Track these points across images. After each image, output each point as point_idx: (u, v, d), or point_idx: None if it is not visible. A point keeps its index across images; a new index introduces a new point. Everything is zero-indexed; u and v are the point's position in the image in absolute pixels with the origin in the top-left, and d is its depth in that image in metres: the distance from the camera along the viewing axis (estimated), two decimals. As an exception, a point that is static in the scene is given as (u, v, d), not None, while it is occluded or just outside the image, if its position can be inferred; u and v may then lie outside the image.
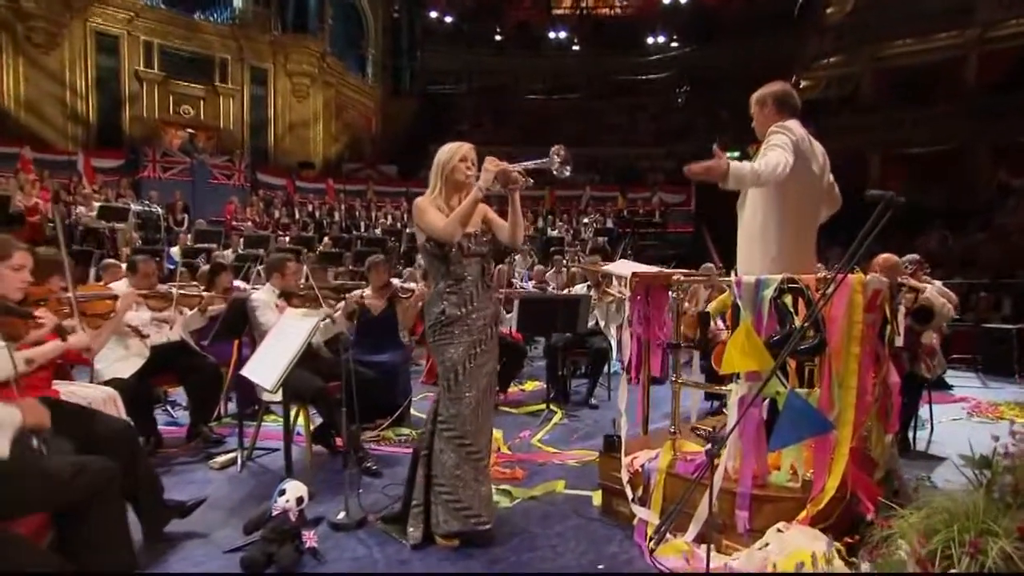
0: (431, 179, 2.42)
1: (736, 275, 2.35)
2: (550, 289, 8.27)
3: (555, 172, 2.26)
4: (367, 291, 4.50)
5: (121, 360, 3.49)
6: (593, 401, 4.94)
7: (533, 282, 8.71)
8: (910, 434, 3.78)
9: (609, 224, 14.65)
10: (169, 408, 4.43)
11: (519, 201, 2.35)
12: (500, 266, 7.14)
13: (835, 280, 1.96)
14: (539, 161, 2.28)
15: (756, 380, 2.13)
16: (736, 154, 2.78)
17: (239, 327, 3.53)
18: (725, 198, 2.67)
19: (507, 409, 4.83)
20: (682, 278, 2.46)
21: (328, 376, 3.57)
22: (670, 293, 2.50)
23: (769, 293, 2.14)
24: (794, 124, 2.40)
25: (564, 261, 11.13)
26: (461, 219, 2.25)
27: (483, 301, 2.38)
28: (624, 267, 3.06)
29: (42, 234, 9.23)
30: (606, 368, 5.12)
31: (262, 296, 3.51)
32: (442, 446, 2.35)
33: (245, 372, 2.38)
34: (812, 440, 2.11)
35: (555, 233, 13.74)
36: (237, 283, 5.52)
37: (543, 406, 4.64)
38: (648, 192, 17.19)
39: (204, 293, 4.22)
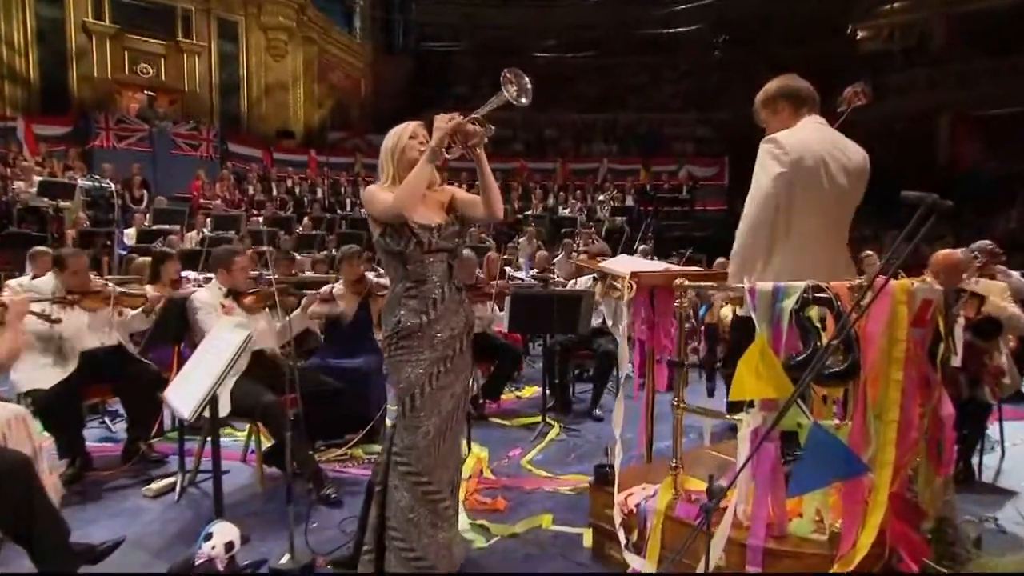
0: (381, 167, 2.33)
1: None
2: (556, 278, 8.13)
3: (513, 102, 2.13)
4: (338, 286, 4.40)
5: (42, 368, 3.41)
6: (598, 412, 4.83)
7: (536, 270, 8.56)
8: (974, 460, 3.59)
9: (629, 202, 14.49)
10: (108, 421, 4.36)
11: (486, 160, 2.24)
12: (491, 254, 7.00)
13: (872, 288, 1.80)
14: (493, 100, 2.16)
15: (773, 409, 1.99)
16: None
17: (177, 332, 3.44)
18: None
19: (498, 421, 4.75)
20: (687, 283, 2.30)
21: (284, 388, 3.49)
22: (676, 300, 2.35)
23: (789, 304, 1.99)
24: (799, 131, 2.33)
25: (576, 245, 11.01)
26: (413, 187, 2.14)
27: (450, 307, 2.28)
28: (623, 264, 2.92)
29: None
30: (614, 372, 5.00)
31: (204, 296, 3.41)
32: (396, 482, 2.27)
33: (167, 393, 2.28)
34: (842, 483, 1.97)
35: (567, 212, 13.60)
36: (187, 274, 5.44)
37: (539, 419, 4.54)
38: (674, 164, 16.97)
39: (149, 291, 4.13)
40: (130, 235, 9.22)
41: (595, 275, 5.48)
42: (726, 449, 2.83)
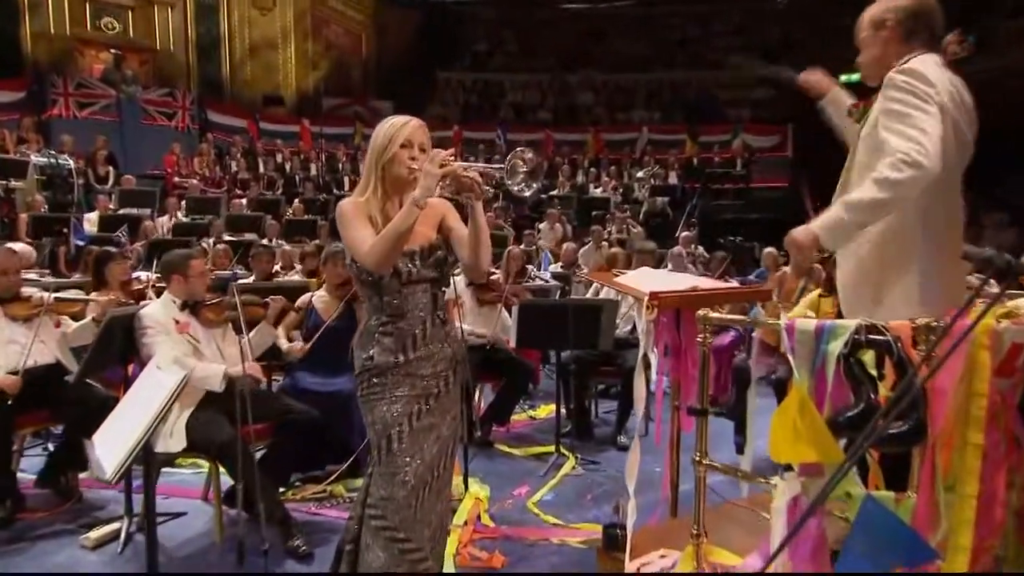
0: (363, 173, 2.30)
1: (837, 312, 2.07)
2: (581, 276, 8.02)
3: (513, 189, 2.04)
4: (320, 291, 4.35)
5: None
6: (623, 439, 4.74)
7: (560, 264, 8.44)
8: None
9: (672, 179, 14.25)
10: (51, 448, 4.37)
11: (481, 212, 2.17)
12: (513, 249, 6.90)
13: (945, 330, 1.67)
14: (497, 167, 2.12)
15: (816, 475, 1.86)
16: (855, 77, 2.48)
17: (123, 353, 3.39)
18: (836, 140, 2.47)
19: (504, 449, 4.71)
20: (711, 313, 2.18)
21: (252, 417, 3.44)
22: (699, 334, 2.23)
23: (837, 347, 1.85)
24: (929, 63, 2.08)
25: (607, 232, 10.86)
26: (391, 244, 2.08)
27: (433, 344, 2.26)
28: (642, 280, 2.80)
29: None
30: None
31: (154, 313, 3.36)
32: (369, 540, 2.24)
33: (96, 439, 2.23)
34: (902, 570, 1.83)
35: (599, 192, 13.43)
36: (141, 274, 5.44)
37: (553, 448, 4.48)
38: (727, 133, 16.59)
39: (93, 297, 4.12)
40: (91, 220, 9.29)
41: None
42: (765, 501, 2.71)
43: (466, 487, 3.79)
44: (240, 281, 5.65)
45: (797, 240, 2.06)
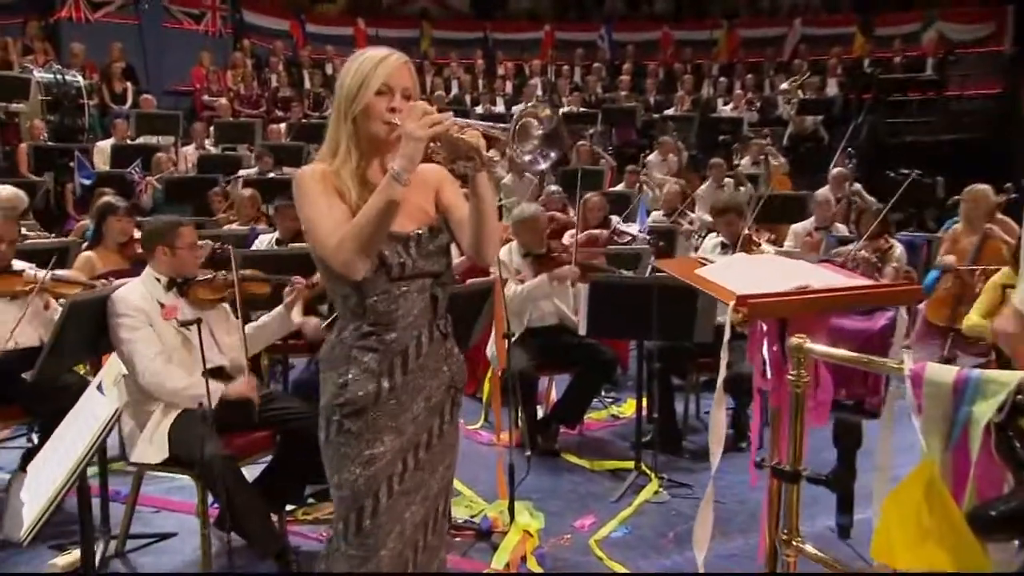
0: (329, 128, 2.11)
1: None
2: (689, 229, 7.75)
3: (523, 159, 1.85)
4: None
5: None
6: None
7: (664, 212, 8.16)
8: None
9: (831, 89, 13.47)
10: (35, 441, 4.61)
11: (488, 190, 2.02)
12: (593, 196, 6.72)
13: None
14: (503, 127, 1.90)
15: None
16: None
17: (92, 347, 3.47)
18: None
19: (574, 459, 4.70)
20: (808, 343, 1.96)
21: (248, 424, 3.49)
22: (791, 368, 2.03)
23: (987, 411, 1.66)
24: None
25: (738, 165, 10.42)
26: (367, 236, 1.92)
27: (429, 365, 2.13)
28: (732, 273, 2.60)
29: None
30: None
31: (131, 297, 3.39)
32: None
33: (30, 469, 2.28)
34: None
35: (729, 109, 12.88)
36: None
37: (632, 465, 4.42)
38: (916, 23, 15.46)
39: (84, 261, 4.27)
40: (103, 151, 9.64)
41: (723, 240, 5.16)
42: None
43: (512, 516, 3.75)
44: (258, 240, 5.72)
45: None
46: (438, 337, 2.14)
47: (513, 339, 4.33)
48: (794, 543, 2.07)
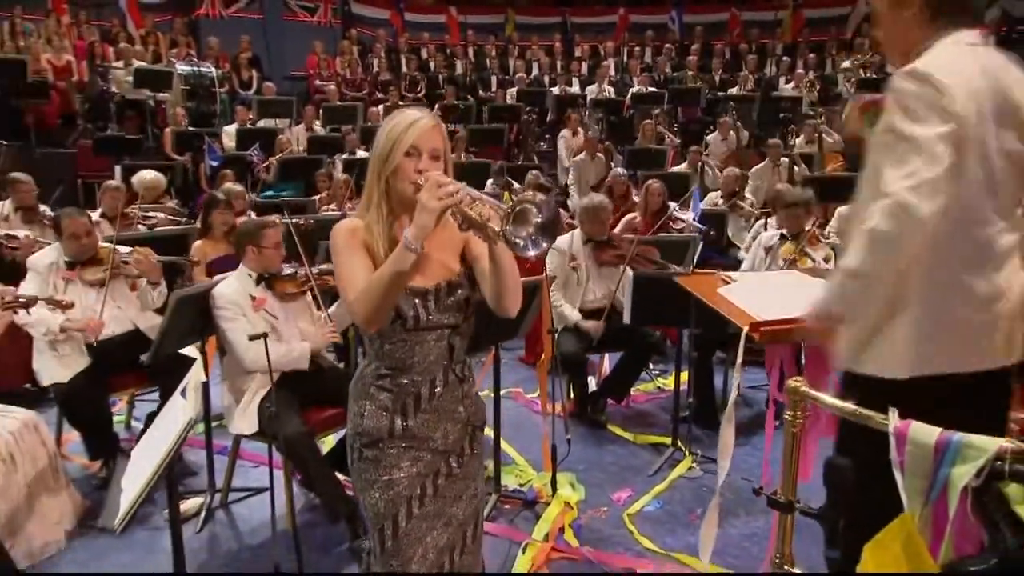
0: (365, 186, 2.01)
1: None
2: (747, 211, 7.47)
3: (515, 241, 1.69)
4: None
5: (61, 357, 3.80)
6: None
7: (721, 194, 7.85)
8: None
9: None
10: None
11: (507, 255, 1.87)
12: (653, 183, 6.49)
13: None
14: (508, 204, 1.75)
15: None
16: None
17: (198, 332, 3.59)
18: None
19: (618, 431, 4.61)
20: (804, 387, 1.85)
21: (324, 399, 3.57)
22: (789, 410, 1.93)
23: (965, 475, 1.54)
24: (955, 53, 1.84)
25: (792, 144, 9.92)
26: (379, 297, 1.82)
27: (444, 406, 2.01)
28: (752, 294, 2.48)
29: (71, 107, 10.35)
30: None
31: (228, 292, 3.48)
32: None
33: (133, 454, 2.38)
34: None
35: (790, 87, 12.20)
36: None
37: (669, 440, 4.31)
38: None
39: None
40: (229, 134, 9.89)
41: (783, 232, 4.95)
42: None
43: (554, 489, 3.73)
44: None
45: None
46: (454, 380, 2.02)
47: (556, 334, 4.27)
48: (785, 568, 1.98)
